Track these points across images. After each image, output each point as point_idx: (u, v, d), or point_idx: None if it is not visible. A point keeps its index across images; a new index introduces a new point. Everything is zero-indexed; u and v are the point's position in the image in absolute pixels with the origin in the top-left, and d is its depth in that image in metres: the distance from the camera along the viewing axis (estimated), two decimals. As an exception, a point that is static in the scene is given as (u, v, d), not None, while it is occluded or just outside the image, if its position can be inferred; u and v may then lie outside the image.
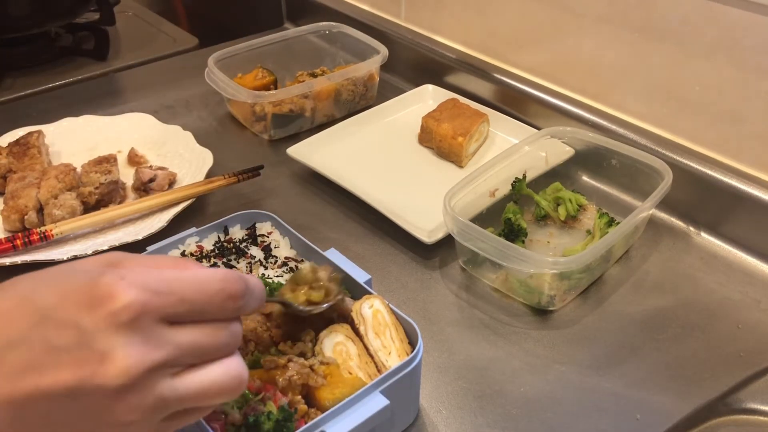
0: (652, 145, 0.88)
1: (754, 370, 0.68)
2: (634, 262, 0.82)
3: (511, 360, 0.69)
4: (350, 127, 1.03)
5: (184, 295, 0.39)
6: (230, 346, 0.41)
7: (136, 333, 0.37)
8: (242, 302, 0.42)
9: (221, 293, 0.40)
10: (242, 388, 0.42)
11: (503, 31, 1.06)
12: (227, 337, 0.41)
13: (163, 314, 0.38)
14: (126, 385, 0.36)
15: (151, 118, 1.04)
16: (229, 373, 0.41)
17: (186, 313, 0.39)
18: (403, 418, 0.62)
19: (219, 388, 0.40)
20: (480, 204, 0.83)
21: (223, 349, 0.41)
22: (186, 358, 0.39)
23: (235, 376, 0.41)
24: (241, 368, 0.41)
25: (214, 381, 0.40)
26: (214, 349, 0.40)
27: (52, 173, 0.87)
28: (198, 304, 0.40)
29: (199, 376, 0.39)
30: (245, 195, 0.93)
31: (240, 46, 1.13)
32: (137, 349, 0.36)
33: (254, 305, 0.43)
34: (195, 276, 0.40)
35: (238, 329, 0.42)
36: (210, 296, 0.40)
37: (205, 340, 0.40)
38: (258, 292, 0.44)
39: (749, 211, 0.81)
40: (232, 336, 0.41)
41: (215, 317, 0.41)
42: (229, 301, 0.41)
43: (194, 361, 0.40)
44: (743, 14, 0.76)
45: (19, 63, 1.27)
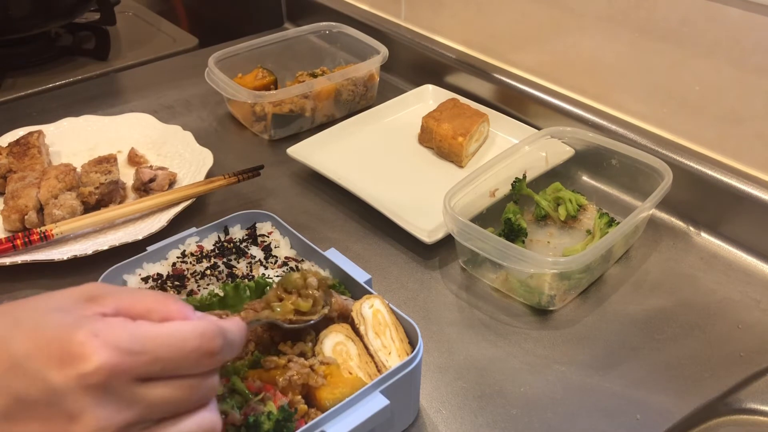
0: (652, 145, 0.88)
1: (754, 370, 0.68)
2: (634, 262, 0.82)
3: (511, 360, 0.69)
4: (350, 127, 1.03)
5: (158, 355, 0.38)
6: (204, 399, 0.40)
7: (107, 395, 0.36)
8: (219, 357, 0.40)
9: (198, 351, 0.39)
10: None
11: (503, 31, 1.06)
12: (202, 391, 0.40)
13: (136, 375, 0.37)
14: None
15: (151, 118, 1.04)
16: (202, 426, 0.40)
17: (160, 372, 0.38)
18: (403, 418, 0.62)
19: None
20: (480, 204, 0.83)
21: (196, 401, 0.40)
22: (158, 413, 0.38)
23: (208, 429, 0.40)
24: (214, 420, 0.41)
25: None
26: (187, 405, 0.39)
27: (52, 173, 0.87)
28: (173, 362, 0.38)
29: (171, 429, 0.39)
30: (245, 195, 0.93)
31: (240, 46, 1.13)
32: (107, 412, 0.36)
33: (232, 355, 0.43)
34: (171, 333, 0.39)
35: (213, 382, 0.41)
36: (186, 354, 0.39)
37: (179, 396, 0.39)
38: (237, 341, 0.43)
39: (749, 211, 0.81)
40: (208, 389, 0.40)
41: (191, 372, 0.39)
42: (206, 358, 0.40)
43: (167, 416, 0.39)
44: (743, 14, 0.76)
45: (20, 63, 1.27)
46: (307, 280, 0.59)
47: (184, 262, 0.71)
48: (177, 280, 0.68)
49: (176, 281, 0.68)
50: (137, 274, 0.69)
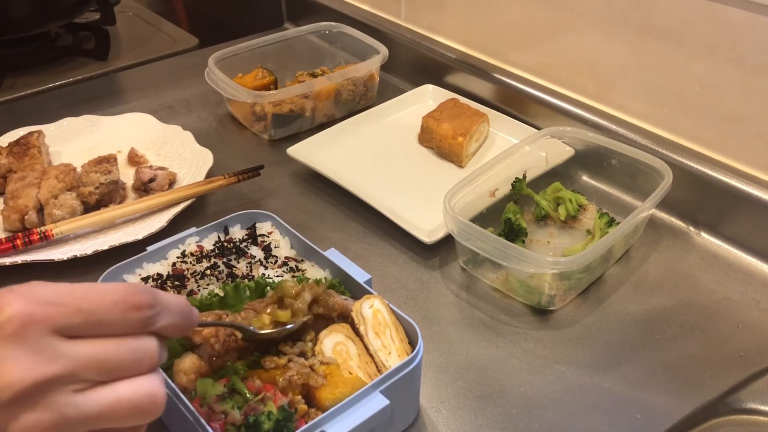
0: (652, 145, 0.88)
1: (754, 370, 0.68)
2: (634, 262, 0.82)
3: (511, 360, 0.69)
4: (350, 127, 1.03)
5: (78, 305, 0.36)
6: (141, 362, 0.38)
7: (23, 345, 0.35)
8: (149, 313, 0.39)
9: (121, 303, 0.38)
10: (156, 409, 0.39)
11: (503, 31, 1.06)
12: (135, 352, 0.38)
13: (54, 326, 0.36)
14: (15, 399, 0.34)
15: (151, 118, 1.04)
16: (138, 391, 0.38)
17: (82, 325, 0.36)
18: (403, 418, 0.62)
19: (127, 407, 0.37)
20: (480, 204, 0.83)
21: (132, 365, 0.38)
22: (87, 373, 0.36)
23: (146, 394, 0.38)
24: (154, 387, 0.38)
25: (120, 399, 0.37)
26: (119, 365, 0.37)
27: (52, 173, 0.87)
28: (94, 314, 0.37)
29: (105, 393, 0.37)
30: (245, 195, 0.93)
31: (240, 46, 1.13)
32: (24, 362, 0.34)
33: (171, 320, 0.41)
34: (93, 287, 0.38)
35: (149, 345, 0.39)
36: (108, 306, 0.37)
37: (108, 355, 0.37)
38: (173, 307, 0.41)
39: (749, 211, 0.81)
40: (143, 351, 0.38)
41: (118, 331, 0.38)
42: (132, 311, 0.38)
43: (100, 378, 0.37)
44: (743, 14, 0.76)
45: (20, 63, 1.27)
46: (300, 295, 0.59)
47: (184, 262, 0.71)
48: (177, 280, 0.68)
49: (176, 281, 0.68)
50: (137, 274, 0.69)
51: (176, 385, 0.55)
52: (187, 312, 0.43)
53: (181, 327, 0.42)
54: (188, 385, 0.56)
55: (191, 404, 0.53)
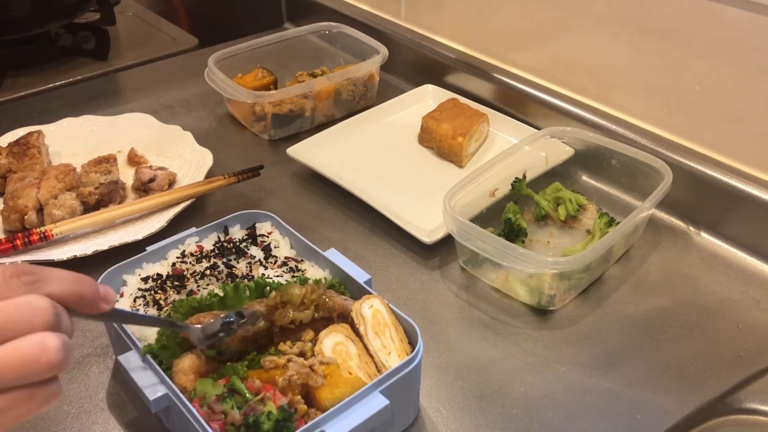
0: (652, 145, 0.88)
1: (754, 370, 0.68)
2: (634, 262, 0.82)
3: (511, 360, 0.69)
4: (350, 127, 1.03)
5: None
6: (32, 321, 0.40)
7: None
8: (29, 278, 0.41)
9: (2, 273, 0.40)
10: (48, 356, 0.39)
11: (503, 31, 1.06)
12: (21, 309, 0.39)
13: None
14: None
15: (151, 118, 1.04)
16: (27, 341, 0.39)
17: None
18: (403, 418, 0.62)
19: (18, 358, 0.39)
20: (480, 204, 0.83)
21: (22, 323, 0.39)
22: None
23: (35, 343, 0.39)
24: (44, 336, 0.39)
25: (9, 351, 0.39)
26: (8, 322, 0.39)
27: (52, 173, 0.87)
28: None
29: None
30: (245, 195, 0.93)
31: (240, 46, 1.13)
32: None
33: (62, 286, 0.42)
34: None
35: (39, 302, 0.40)
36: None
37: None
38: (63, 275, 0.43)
39: (749, 211, 0.81)
40: (31, 308, 0.40)
41: (4, 296, 0.40)
42: (13, 278, 0.40)
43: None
44: (743, 14, 0.76)
45: (20, 63, 1.27)
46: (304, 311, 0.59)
47: (184, 262, 0.71)
48: (177, 280, 0.68)
49: (176, 281, 0.68)
50: (137, 274, 0.69)
51: (176, 385, 0.55)
52: (86, 280, 0.44)
53: (81, 294, 0.44)
54: (188, 385, 0.56)
55: (191, 404, 0.53)
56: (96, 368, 0.69)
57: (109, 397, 0.66)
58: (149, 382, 0.56)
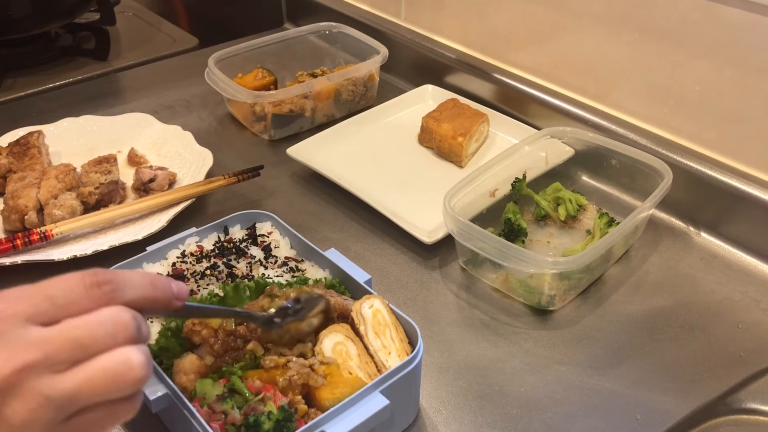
0: (652, 145, 0.88)
1: (754, 370, 0.68)
2: (634, 262, 0.82)
3: (511, 360, 0.69)
4: (350, 127, 1.03)
5: (45, 293, 0.39)
6: (115, 336, 0.40)
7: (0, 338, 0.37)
8: (108, 287, 0.41)
9: (81, 282, 0.40)
10: (134, 375, 0.39)
11: (503, 31, 1.06)
12: (104, 325, 0.39)
13: (26, 316, 0.38)
14: (1, 387, 0.36)
15: (151, 118, 1.04)
16: (112, 361, 0.39)
17: (51, 309, 0.39)
18: (403, 418, 0.62)
19: (103, 378, 0.39)
20: (480, 204, 0.83)
21: (105, 339, 0.39)
22: (63, 353, 0.38)
23: (120, 362, 0.39)
24: (128, 354, 0.39)
25: (96, 371, 0.39)
26: (91, 340, 0.39)
27: (52, 173, 0.87)
28: (60, 297, 0.39)
29: (84, 369, 0.38)
30: (245, 195, 0.93)
31: (240, 46, 1.13)
32: (2, 352, 0.37)
33: (139, 292, 0.42)
34: (56, 278, 0.40)
35: (120, 316, 0.40)
36: (71, 287, 0.40)
37: (78, 332, 0.39)
38: (140, 279, 0.43)
39: (749, 211, 0.81)
40: (113, 324, 0.40)
41: (86, 308, 0.40)
42: (93, 288, 0.40)
43: (76, 356, 0.39)
44: (743, 14, 0.76)
45: (20, 63, 1.27)
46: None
47: (184, 262, 0.71)
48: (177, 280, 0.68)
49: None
50: (137, 274, 0.69)
51: (176, 385, 0.55)
52: (159, 283, 0.44)
53: (155, 298, 0.44)
54: (188, 385, 0.56)
55: (191, 404, 0.53)
56: (96, 368, 0.68)
57: (109, 397, 0.66)
58: (149, 382, 0.56)
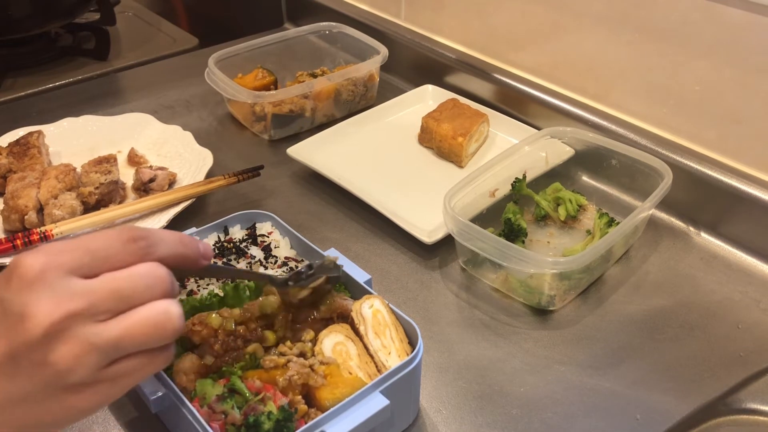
0: (652, 145, 0.88)
1: (754, 370, 0.68)
2: (634, 262, 0.82)
3: (511, 360, 0.69)
4: (350, 128, 1.03)
5: (87, 247, 0.42)
6: (153, 288, 0.42)
7: (46, 287, 0.39)
8: (144, 243, 0.43)
9: (119, 238, 0.43)
10: (173, 325, 0.42)
11: (503, 31, 1.06)
12: (144, 278, 0.42)
13: (69, 268, 0.40)
14: (47, 335, 0.39)
15: (151, 118, 1.03)
16: (153, 310, 0.42)
17: (92, 263, 0.41)
18: (403, 418, 0.62)
19: (144, 325, 0.41)
20: (480, 204, 0.83)
21: (144, 291, 0.42)
22: (106, 303, 0.41)
23: (161, 312, 0.42)
24: (168, 305, 0.43)
25: (137, 320, 0.41)
26: (132, 291, 0.41)
27: (52, 173, 0.87)
28: (100, 250, 0.42)
29: (126, 318, 0.41)
30: (245, 195, 0.93)
31: (240, 46, 1.13)
32: (48, 302, 0.39)
33: (172, 249, 0.45)
34: (94, 233, 0.43)
35: (157, 271, 0.43)
36: (110, 242, 0.42)
37: (120, 283, 0.41)
38: (172, 237, 0.46)
39: (749, 211, 0.81)
40: (152, 277, 0.42)
41: (124, 263, 0.42)
42: (130, 243, 0.43)
43: (118, 306, 0.41)
44: (743, 14, 0.76)
45: (20, 63, 1.27)
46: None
47: (184, 262, 0.71)
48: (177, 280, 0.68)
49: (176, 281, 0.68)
50: (137, 274, 0.69)
51: (176, 385, 0.55)
52: (188, 241, 0.47)
53: (185, 255, 0.47)
54: (188, 385, 0.56)
55: (191, 404, 0.53)
56: (96, 368, 0.68)
57: (109, 397, 0.66)
58: (149, 382, 0.56)
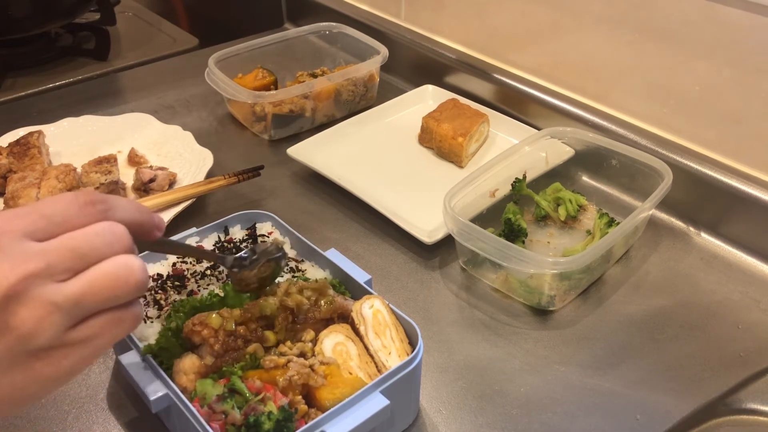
0: (652, 145, 0.88)
1: (754, 370, 0.68)
2: (634, 262, 0.82)
3: (511, 360, 0.69)
4: (350, 128, 1.03)
5: (42, 211, 0.41)
6: (112, 245, 0.42)
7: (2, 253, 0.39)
8: (102, 206, 0.43)
9: (75, 201, 0.42)
10: (135, 277, 0.42)
11: (503, 31, 1.06)
12: (101, 235, 0.42)
13: (25, 232, 0.40)
14: (7, 296, 0.38)
15: (151, 118, 1.04)
16: (113, 263, 0.41)
17: (48, 226, 0.41)
18: (403, 418, 0.62)
19: (105, 279, 0.41)
20: (480, 204, 0.83)
21: (103, 248, 0.42)
22: (64, 263, 0.40)
23: (121, 265, 0.42)
24: (128, 259, 0.42)
25: (97, 275, 0.41)
26: (90, 248, 0.41)
27: (53, 173, 0.87)
28: (56, 215, 0.41)
29: (87, 274, 0.41)
30: (245, 195, 0.93)
31: (240, 46, 1.13)
32: (4, 264, 0.38)
33: (128, 214, 0.45)
34: (50, 198, 0.43)
35: (115, 227, 0.43)
36: (66, 205, 0.42)
37: (77, 242, 0.41)
38: (128, 203, 0.46)
39: (749, 211, 0.81)
40: (109, 233, 0.42)
41: (81, 225, 0.42)
42: (87, 206, 0.42)
43: (77, 265, 0.41)
44: (743, 14, 0.76)
45: (20, 63, 1.27)
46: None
47: (185, 262, 0.71)
48: (177, 280, 0.68)
49: (176, 281, 0.68)
50: (137, 274, 0.69)
51: (176, 385, 0.55)
52: (144, 209, 0.47)
53: (141, 222, 0.47)
54: (188, 385, 0.56)
55: (191, 404, 0.53)
56: (96, 368, 0.69)
57: (109, 397, 0.66)
58: (149, 382, 0.56)
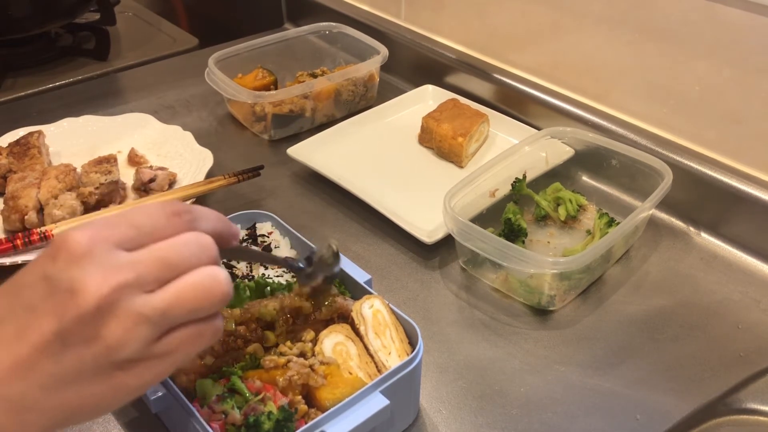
0: (652, 145, 0.88)
1: (754, 370, 0.68)
2: (634, 262, 0.82)
3: (511, 360, 0.69)
4: (350, 128, 1.03)
5: (132, 220, 0.42)
6: (199, 256, 0.42)
7: (94, 262, 0.39)
8: (188, 217, 0.44)
9: (163, 212, 0.43)
10: (221, 288, 0.42)
11: (503, 31, 1.06)
12: (189, 245, 0.42)
13: (115, 241, 0.40)
14: (99, 307, 0.38)
15: (151, 118, 1.04)
16: (201, 274, 0.42)
17: (138, 236, 0.41)
18: (403, 418, 0.62)
19: (192, 291, 0.41)
20: (480, 204, 0.83)
21: (191, 258, 0.42)
22: (153, 273, 0.40)
23: (208, 276, 0.42)
24: (214, 270, 0.42)
25: (185, 286, 0.41)
26: (179, 259, 0.41)
27: (53, 173, 0.87)
28: (146, 225, 0.42)
29: (174, 286, 0.41)
30: (245, 195, 0.93)
31: (240, 46, 1.13)
32: (96, 276, 0.39)
33: (212, 224, 0.45)
34: (137, 207, 0.44)
35: (202, 238, 0.43)
36: (155, 217, 0.43)
37: (165, 252, 0.41)
38: (210, 213, 0.46)
39: (749, 211, 0.81)
40: (196, 244, 0.43)
41: (168, 235, 0.42)
42: (174, 217, 0.43)
43: (166, 276, 0.41)
44: (743, 14, 0.76)
45: (20, 63, 1.27)
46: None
47: (184, 262, 0.71)
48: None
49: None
50: (137, 274, 0.69)
51: (176, 385, 0.55)
52: (223, 218, 0.48)
53: (222, 231, 0.47)
54: (188, 385, 0.56)
55: (191, 404, 0.53)
56: (96, 368, 0.68)
57: (109, 397, 0.66)
58: (149, 382, 0.56)
